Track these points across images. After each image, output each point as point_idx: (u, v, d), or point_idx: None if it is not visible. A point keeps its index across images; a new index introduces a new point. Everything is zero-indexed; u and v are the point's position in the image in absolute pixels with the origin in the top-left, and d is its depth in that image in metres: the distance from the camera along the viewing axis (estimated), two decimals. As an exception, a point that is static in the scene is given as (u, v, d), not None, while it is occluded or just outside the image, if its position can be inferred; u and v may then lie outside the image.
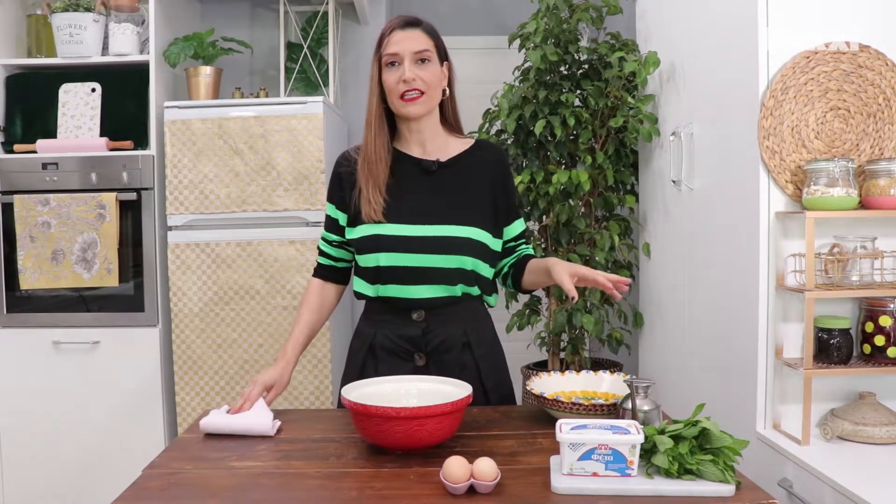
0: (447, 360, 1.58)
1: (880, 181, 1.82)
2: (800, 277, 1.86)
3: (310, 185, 2.83)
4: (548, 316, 3.08)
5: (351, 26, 3.58)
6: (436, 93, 1.59)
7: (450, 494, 1.11)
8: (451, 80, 1.65)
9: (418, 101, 1.56)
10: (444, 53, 1.62)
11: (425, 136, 1.63)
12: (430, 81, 1.56)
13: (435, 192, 1.60)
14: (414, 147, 1.64)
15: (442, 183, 1.61)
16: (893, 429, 1.78)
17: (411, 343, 1.59)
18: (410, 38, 1.55)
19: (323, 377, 2.86)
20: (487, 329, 1.68)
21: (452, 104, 1.67)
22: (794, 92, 1.89)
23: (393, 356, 1.60)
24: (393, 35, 1.55)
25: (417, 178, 1.61)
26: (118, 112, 2.93)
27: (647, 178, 2.91)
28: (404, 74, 1.53)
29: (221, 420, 1.46)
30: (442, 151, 1.64)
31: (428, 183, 1.61)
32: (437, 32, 1.61)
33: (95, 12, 2.91)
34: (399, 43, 1.54)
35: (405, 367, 1.58)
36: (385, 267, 1.57)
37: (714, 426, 1.17)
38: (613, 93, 2.83)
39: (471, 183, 1.62)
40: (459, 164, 1.64)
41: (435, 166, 1.62)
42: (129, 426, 2.85)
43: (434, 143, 1.64)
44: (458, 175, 1.63)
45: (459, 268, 1.57)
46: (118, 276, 2.81)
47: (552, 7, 2.88)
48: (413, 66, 1.54)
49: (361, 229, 1.59)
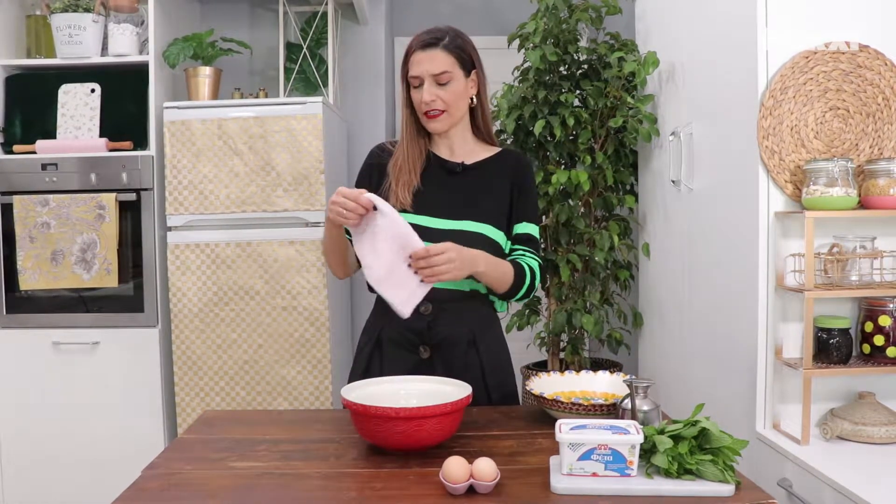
0: (452, 356, 1.60)
1: (879, 181, 1.83)
2: (799, 277, 1.86)
3: (309, 186, 2.83)
4: (547, 316, 3.08)
5: (350, 27, 3.58)
6: (457, 109, 1.64)
7: (449, 494, 1.11)
8: (482, 87, 1.69)
9: (439, 119, 1.62)
10: (469, 64, 1.64)
11: (454, 142, 1.70)
12: (449, 101, 1.61)
13: (455, 190, 1.65)
14: (443, 149, 1.71)
15: (463, 183, 1.66)
16: (893, 429, 1.78)
17: (417, 335, 1.61)
18: (430, 59, 1.59)
19: (323, 377, 2.86)
20: (494, 330, 1.70)
21: (483, 111, 1.71)
22: (793, 92, 1.89)
23: (399, 348, 1.62)
24: (414, 56, 1.61)
25: (441, 177, 1.67)
26: (118, 112, 2.93)
27: (647, 179, 2.91)
28: (424, 97, 1.60)
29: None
30: (468, 155, 1.70)
31: (450, 182, 1.67)
32: (460, 45, 1.63)
33: (95, 13, 2.91)
34: (419, 65, 1.60)
35: (410, 360, 1.60)
36: None
37: (714, 426, 1.17)
38: (613, 93, 2.83)
39: (492, 185, 1.67)
40: (483, 168, 1.69)
41: (459, 168, 1.67)
42: (129, 426, 2.85)
43: (463, 147, 1.70)
44: (480, 177, 1.68)
45: None
46: (118, 277, 2.81)
47: (551, 7, 2.88)
48: (432, 87, 1.60)
49: None
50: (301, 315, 2.85)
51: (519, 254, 1.67)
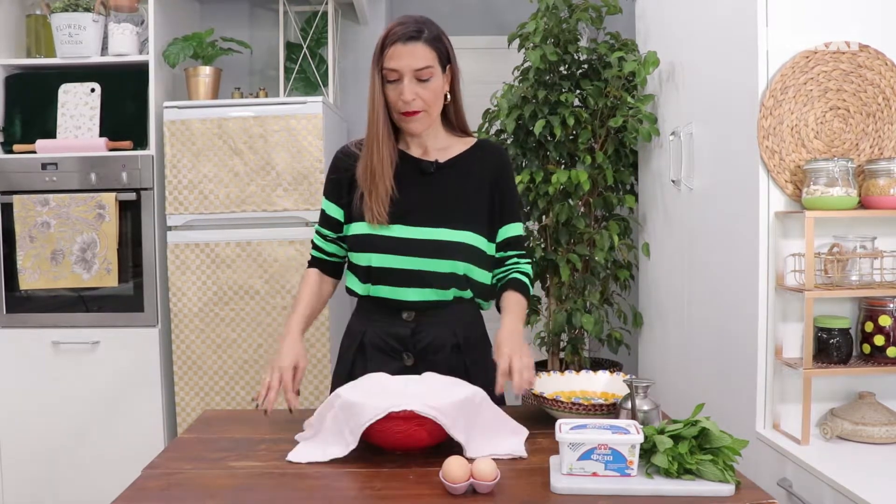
0: (436, 362, 1.56)
1: (880, 181, 1.83)
2: (799, 277, 1.86)
3: (309, 185, 2.83)
4: (547, 316, 3.08)
5: (350, 26, 3.58)
6: (436, 108, 1.55)
7: (449, 494, 1.11)
8: (455, 82, 1.60)
9: (417, 118, 1.53)
10: (447, 59, 1.56)
11: (426, 141, 1.62)
12: (429, 100, 1.52)
13: (431, 193, 1.58)
14: (414, 148, 1.62)
15: (439, 184, 1.59)
16: (893, 428, 1.78)
17: (400, 342, 1.58)
18: (411, 53, 1.48)
19: (323, 377, 2.86)
20: (478, 330, 1.66)
21: (456, 107, 1.63)
22: (793, 92, 1.89)
23: (382, 354, 1.59)
24: (394, 49, 1.48)
25: (415, 179, 1.58)
26: (117, 112, 2.93)
27: (647, 178, 2.91)
28: (403, 94, 1.49)
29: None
30: (443, 152, 1.62)
31: (425, 184, 1.59)
32: (440, 39, 1.53)
33: (95, 12, 2.91)
34: (399, 59, 1.48)
35: (394, 366, 1.55)
36: (377, 267, 1.56)
37: (713, 426, 1.17)
38: (613, 93, 2.83)
39: (468, 184, 1.60)
40: (458, 165, 1.62)
41: (433, 168, 1.59)
42: (129, 426, 2.85)
43: (435, 144, 1.62)
44: (456, 176, 1.60)
45: (452, 272, 1.55)
46: (118, 277, 2.81)
47: (552, 7, 2.88)
48: (413, 83, 1.49)
49: (356, 227, 1.58)
50: (301, 315, 2.84)
51: (513, 262, 1.64)
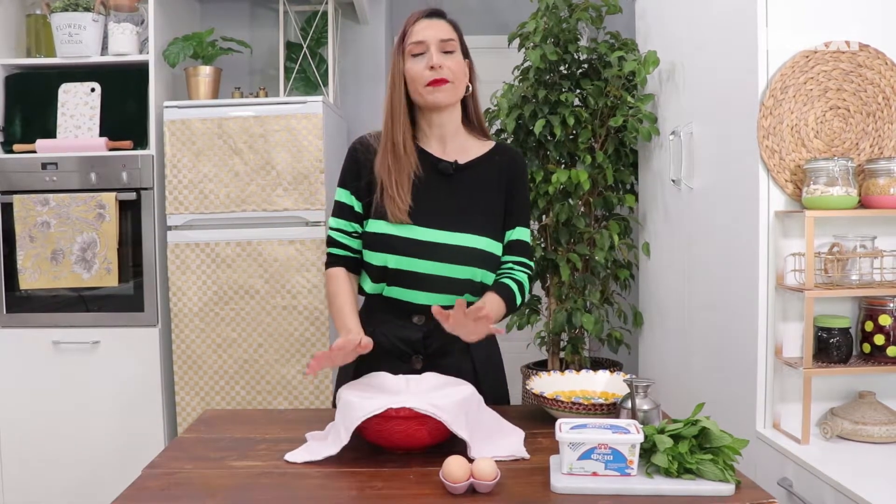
0: (445, 364, 1.55)
1: (880, 180, 1.83)
2: (799, 276, 1.86)
3: (309, 185, 2.83)
4: (547, 315, 3.08)
5: (350, 26, 3.58)
6: (461, 84, 1.57)
7: (450, 494, 1.11)
8: (473, 77, 1.63)
9: (444, 88, 1.53)
10: (466, 49, 1.61)
11: (446, 131, 1.60)
12: (455, 70, 1.54)
13: (450, 195, 1.57)
14: (433, 143, 1.61)
15: (458, 186, 1.58)
16: (893, 428, 1.78)
17: (410, 346, 1.57)
18: (435, 26, 1.55)
19: (323, 377, 2.86)
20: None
21: (475, 102, 1.65)
22: (793, 91, 1.89)
23: (391, 357, 1.56)
24: (418, 24, 1.55)
25: (434, 180, 1.57)
26: (118, 112, 2.93)
27: (647, 178, 2.91)
28: (431, 60, 1.51)
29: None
30: (461, 152, 1.61)
31: (444, 185, 1.58)
32: (459, 27, 1.60)
33: (95, 12, 2.91)
34: (424, 31, 1.54)
35: (402, 369, 1.53)
36: (393, 269, 1.54)
37: (714, 425, 1.17)
38: (613, 92, 2.83)
39: (486, 188, 1.60)
40: (476, 168, 1.61)
41: (452, 169, 1.58)
42: (129, 426, 2.85)
43: (454, 140, 1.61)
44: (474, 179, 1.60)
45: (469, 279, 1.55)
46: (118, 276, 2.81)
47: (552, 6, 2.88)
48: (439, 54, 1.53)
49: (374, 225, 1.55)
50: (301, 314, 2.85)
51: (508, 267, 1.62)
